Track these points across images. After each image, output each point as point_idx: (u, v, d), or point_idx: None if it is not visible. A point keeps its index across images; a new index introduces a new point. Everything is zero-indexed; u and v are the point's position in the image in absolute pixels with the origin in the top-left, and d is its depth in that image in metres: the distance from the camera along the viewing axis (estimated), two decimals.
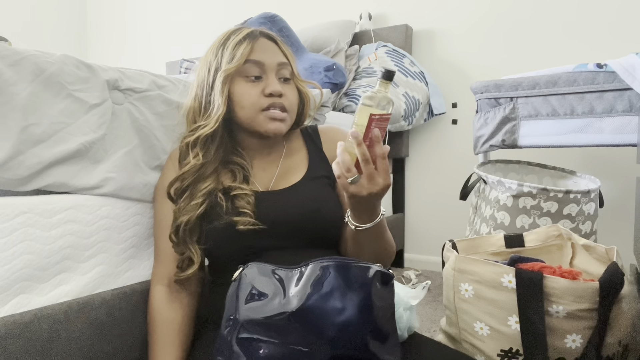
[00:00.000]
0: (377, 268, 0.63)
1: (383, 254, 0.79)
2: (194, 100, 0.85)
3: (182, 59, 2.43)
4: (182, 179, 0.81)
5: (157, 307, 0.80)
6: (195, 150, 0.81)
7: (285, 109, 0.83)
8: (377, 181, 0.63)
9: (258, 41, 0.83)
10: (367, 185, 0.64)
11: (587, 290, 0.75)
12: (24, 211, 0.71)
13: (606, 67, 1.33)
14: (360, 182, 0.63)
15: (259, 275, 0.65)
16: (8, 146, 0.70)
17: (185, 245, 0.79)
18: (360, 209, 0.70)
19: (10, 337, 0.66)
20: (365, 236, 0.74)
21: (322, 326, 0.59)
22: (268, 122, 0.82)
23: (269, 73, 0.83)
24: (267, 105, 0.81)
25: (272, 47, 0.85)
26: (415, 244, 2.24)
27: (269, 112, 0.81)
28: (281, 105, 0.82)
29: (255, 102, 0.81)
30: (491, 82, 1.53)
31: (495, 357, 0.84)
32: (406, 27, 2.17)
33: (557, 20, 1.89)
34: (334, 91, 1.83)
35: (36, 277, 0.73)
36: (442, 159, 2.17)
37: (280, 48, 0.86)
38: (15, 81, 0.72)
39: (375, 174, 0.63)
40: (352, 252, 0.79)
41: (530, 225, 1.29)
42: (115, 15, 3.56)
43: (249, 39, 0.83)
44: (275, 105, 0.81)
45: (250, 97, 0.81)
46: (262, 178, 0.86)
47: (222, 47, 0.83)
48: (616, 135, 1.32)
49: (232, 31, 0.86)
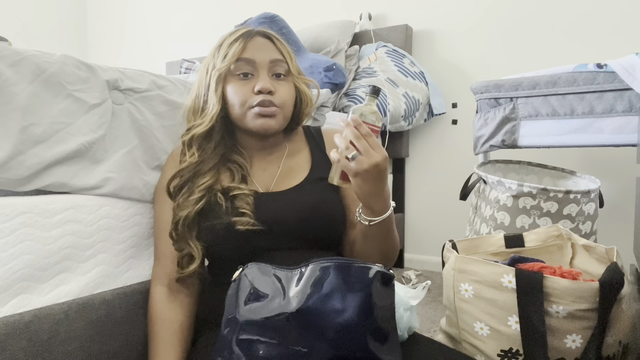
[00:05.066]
0: (377, 268, 0.63)
1: (390, 252, 0.79)
2: (193, 100, 0.86)
3: (182, 59, 2.43)
4: (180, 175, 0.81)
5: (157, 307, 0.80)
6: (192, 149, 0.82)
7: (275, 105, 0.82)
8: (372, 153, 0.66)
9: (252, 40, 0.84)
10: (366, 159, 0.66)
11: (587, 290, 0.75)
12: (24, 211, 0.71)
13: (606, 67, 1.33)
14: (359, 158, 0.66)
15: (259, 275, 0.65)
16: (8, 146, 0.70)
17: (185, 241, 0.79)
18: (368, 192, 0.69)
19: (10, 337, 0.66)
20: (376, 232, 0.74)
21: (322, 327, 0.59)
22: (255, 119, 0.81)
23: (261, 70, 0.82)
24: (256, 102, 0.81)
25: (266, 44, 0.85)
26: (415, 244, 2.24)
27: (257, 109, 0.81)
28: (270, 102, 0.81)
29: (244, 99, 0.81)
30: (491, 82, 1.53)
31: (495, 357, 0.84)
32: (406, 27, 2.17)
33: (557, 20, 1.89)
34: (334, 91, 1.83)
35: (36, 277, 0.73)
36: (442, 159, 2.17)
37: (276, 45, 0.86)
38: (15, 81, 0.72)
39: (369, 147, 0.66)
40: (361, 250, 0.79)
41: (530, 225, 1.29)
42: (115, 16, 3.56)
43: (242, 38, 0.83)
44: (264, 103, 0.81)
45: (241, 95, 0.81)
46: (262, 178, 0.86)
47: (218, 48, 0.85)
48: (616, 135, 1.32)
49: (230, 32, 0.86)
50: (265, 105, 0.81)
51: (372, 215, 0.72)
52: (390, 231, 0.76)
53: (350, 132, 0.67)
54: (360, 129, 0.66)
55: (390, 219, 0.74)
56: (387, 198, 0.72)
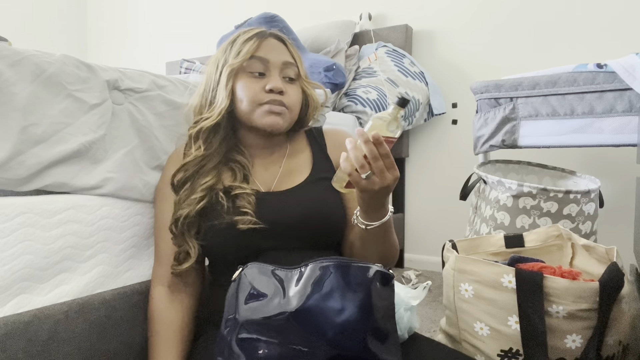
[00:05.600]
0: (377, 268, 0.63)
1: (388, 254, 0.79)
2: (201, 96, 0.87)
3: (182, 59, 2.43)
4: (184, 169, 0.82)
5: (157, 307, 0.80)
6: (198, 142, 0.83)
7: (284, 105, 0.83)
8: (386, 176, 0.65)
9: (266, 40, 0.85)
10: (379, 180, 0.65)
11: (587, 290, 0.75)
12: (24, 211, 0.71)
13: (606, 67, 1.33)
14: (373, 179, 0.65)
15: (259, 275, 0.65)
16: (8, 146, 0.70)
17: (183, 239, 0.79)
18: (371, 205, 0.70)
19: (10, 337, 0.66)
20: (374, 235, 0.74)
21: (322, 326, 0.59)
22: (265, 116, 0.82)
23: (273, 71, 0.84)
24: (266, 100, 0.82)
25: (280, 46, 0.86)
26: (415, 244, 2.24)
27: (268, 106, 0.82)
28: (280, 102, 0.82)
29: (255, 96, 0.82)
30: (491, 82, 1.53)
31: (495, 357, 0.84)
32: (406, 27, 2.17)
33: (558, 20, 1.89)
34: (334, 91, 1.83)
35: (36, 277, 0.73)
36: (442, 159, 2.17)
37: (288, 49, 0.88)
38: (15, 81, 0.72)
39: (384, 169, 0.65)
40: (359, 253, 0.79)
41: (530, 225, 1.29)
42: (116, 15, 3.56)
43: (256, 37, 0.85)
44: (274, 102, 0.82)
45: (251, 91, 0.82)
46: (264, 178, 0.86)
47: (231, 45, 0.85)
48: (616, 135, 1.32)
49: (244, 30, 0.87)
50: (275, 104, 0.82)
51: (369, 220, 0.72)
52: (388, 234, 0.76)
53: (369, 151, 0.63)
54: (380, 148, 0.63)
55: (388, 223, 0.73)
56: (386, 205, 0.72)
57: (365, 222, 0.72)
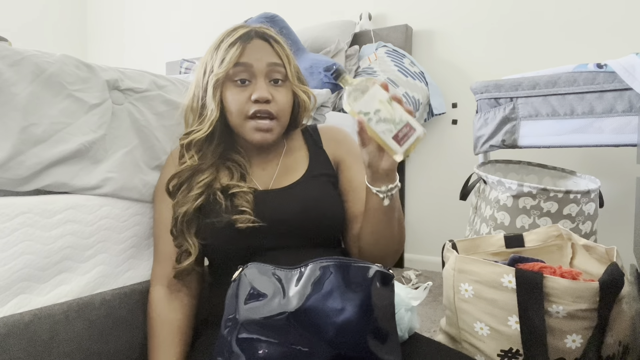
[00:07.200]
0: (377, 268, 0.63)
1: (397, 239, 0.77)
2: (192, 99, 0.86)
3: (182, 59, 2.43)
4: (178, 176, 0.81)
5: (157, 307, 0.80)
6: (190, 152, 0.82)
7: (273, 115, 0.81)
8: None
9: (250, 43, 0.82)
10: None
11: (587, 290, 0.75)
12: (24, 211, 0.71)
13: (606, 67, 1.33)
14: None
15: (259, 275, 0.65)
16: (8, 146, 0.70)
17: (183, 237, 0.79)
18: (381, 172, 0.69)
19: (10, 337, 0.66)
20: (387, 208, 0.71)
21: (322, 326, 0.59)
22: (253, 133, 0.81)
23: (258, 76, 0.81)
24: (253, 111, 0.80)
25: (265, 47, 0.83)
26: (415, 244, 2.24)
27: (255, 122, 0.80)
28: (267, 112, 0.80)
29: (241, 108, 0.80)
30: (491, 82, 1.53)
31: (495, 357, 0.84)
32: (406, 27, 2.17)
33: (557, 20, 1.89)
34: (334, 91, 1.83)
35: (36, 277, 0.73)
36: (442, 159, 2.17)
37: (274, 48, 0.84)
38: (15, 81, 0.72)
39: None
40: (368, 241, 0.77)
41: (530, 225, 1.29)
42: (115, 15, 3.56)
43: (240, 41, 0.82)
44: (261, 112, 0.80)
45: (237, 104, 0.81)
46: (261, 177, 0.86)
47: (216, 49, 0.83)
48: (616, 135, 1.32)
49: (229, 31, 0.85)
50: (262, 117, 0.80)
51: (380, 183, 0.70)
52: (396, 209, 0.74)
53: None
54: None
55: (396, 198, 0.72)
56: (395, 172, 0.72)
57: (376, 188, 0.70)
